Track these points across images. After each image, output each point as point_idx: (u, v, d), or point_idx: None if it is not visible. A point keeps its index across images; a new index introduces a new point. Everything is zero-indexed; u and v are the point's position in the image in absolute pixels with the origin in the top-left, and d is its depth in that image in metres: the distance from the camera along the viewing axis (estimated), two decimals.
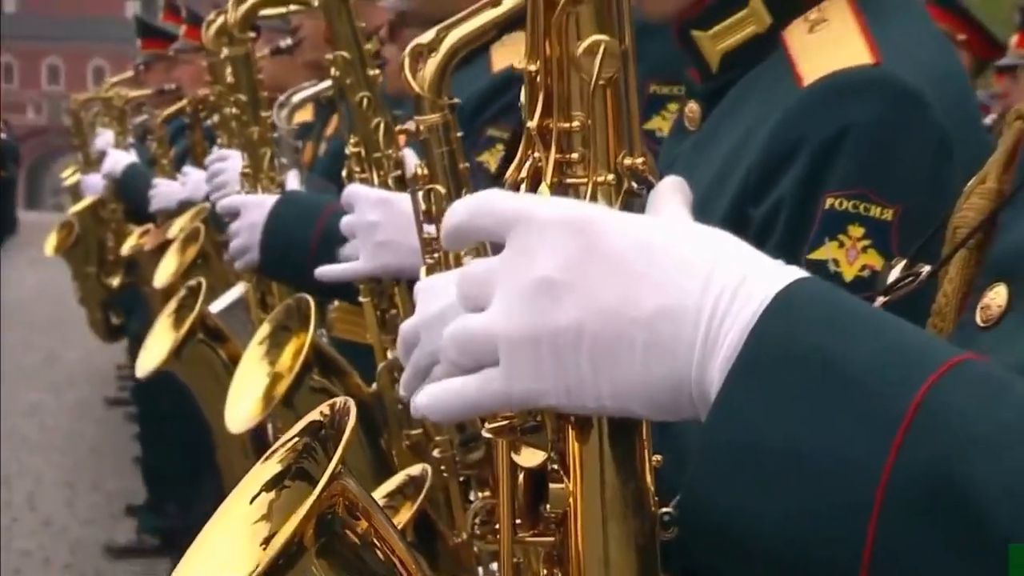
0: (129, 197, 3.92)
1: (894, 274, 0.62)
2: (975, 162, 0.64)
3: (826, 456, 0.37)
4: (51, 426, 6.68)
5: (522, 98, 0.50)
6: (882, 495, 0.36)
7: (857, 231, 0.71)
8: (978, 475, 0.35)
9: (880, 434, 0.37)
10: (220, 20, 1.98)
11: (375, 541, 0.59)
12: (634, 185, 0.49)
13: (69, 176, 7.29)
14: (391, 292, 1.25)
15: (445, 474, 1.10)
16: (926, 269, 0.59)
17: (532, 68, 0.48)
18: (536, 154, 0.49)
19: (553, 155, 0.48)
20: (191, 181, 3.06)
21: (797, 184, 0.72)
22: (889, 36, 0.79)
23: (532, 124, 0.49)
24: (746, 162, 0.77)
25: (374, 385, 1.34)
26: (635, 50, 0.48)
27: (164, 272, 2.93)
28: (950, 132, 0.78)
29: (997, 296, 0.52)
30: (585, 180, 0.48)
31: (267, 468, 0.65)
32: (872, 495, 0.36)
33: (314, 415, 0.65)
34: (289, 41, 2.52)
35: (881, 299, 0.61)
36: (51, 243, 4.64)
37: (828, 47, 0.79)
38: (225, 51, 1.98)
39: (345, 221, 1.08)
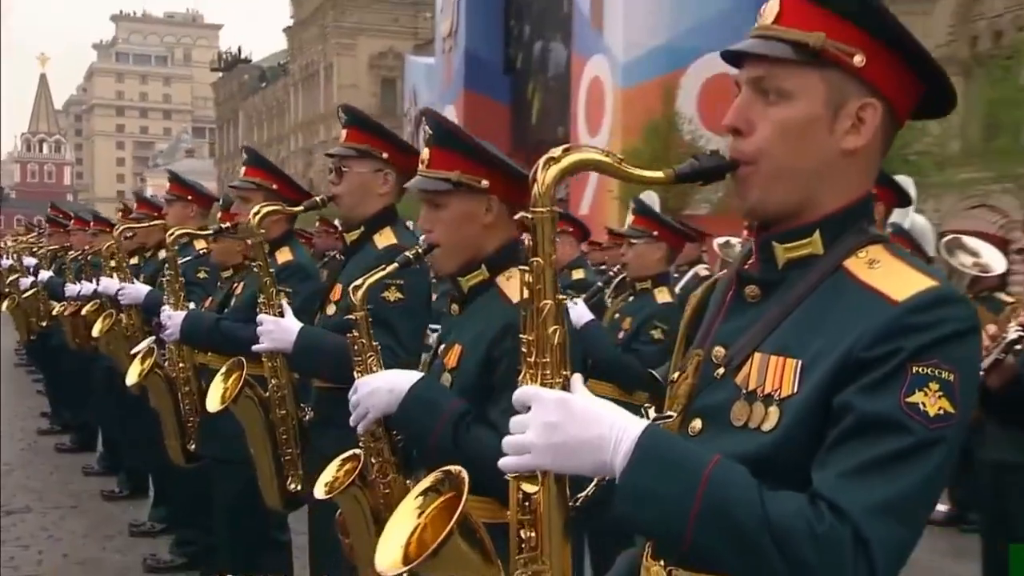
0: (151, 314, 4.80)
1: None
2: None
3: (664, 491, 1.09)
4: None
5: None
6: (696, 507, 1.05)
7: (935, 386, 1.10)
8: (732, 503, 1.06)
9: (691, 487, 1.07)
10: (255, 217, 3.04)
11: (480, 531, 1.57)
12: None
13: None
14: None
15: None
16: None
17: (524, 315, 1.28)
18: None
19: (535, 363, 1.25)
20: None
21: (903, 354, 1.13)
22: (924, 268, 1.27)
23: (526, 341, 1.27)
24: (852, 340, 1.13)
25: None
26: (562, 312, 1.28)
27: (212, 399, 3.40)
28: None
29: None
30: (551, 375, 1.22)
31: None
32: (690, 508, 1.06)
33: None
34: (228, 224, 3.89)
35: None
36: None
37: (895, 277, 1.17)
38: (256, 237, 3.09)
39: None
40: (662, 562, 1.28)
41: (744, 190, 1.27)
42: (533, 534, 1.25)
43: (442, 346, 2.36)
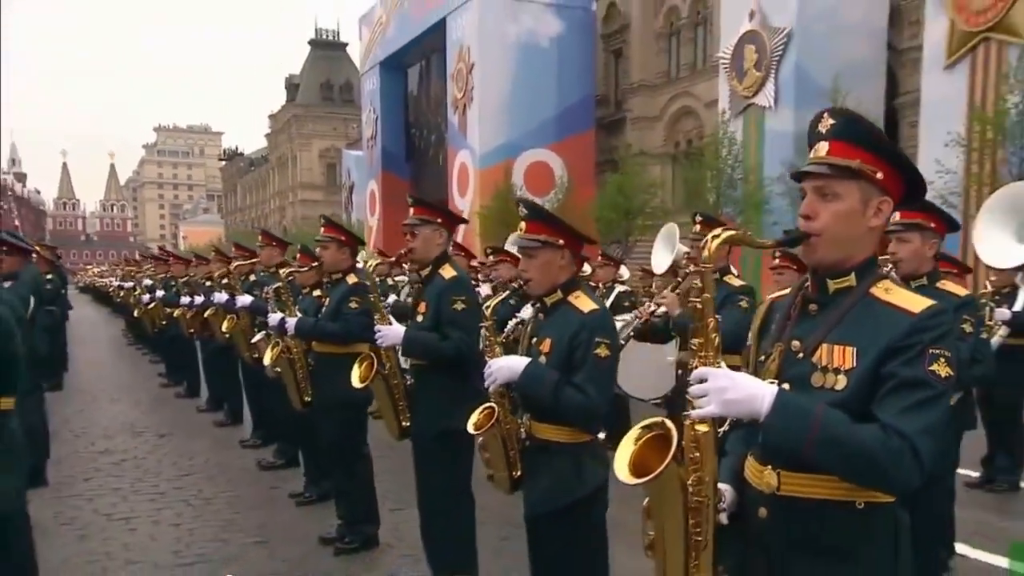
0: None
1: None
2: None
3: (794, 425, 1.56)
4: None
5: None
6: (814, 432, 1.53)
7: (943, 360, 1.53)
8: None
9: (810, 421, 1.54)
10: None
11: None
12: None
13: None
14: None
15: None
16: None
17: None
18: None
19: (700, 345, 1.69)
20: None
21: (923, 344, 1.56)
22: (918, 293, 1.65)
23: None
24: (889, 338, 1.57)
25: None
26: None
27: (353, 378, 4.16)
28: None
29: None
30: (712, 359, 1.68)
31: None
32: (807, 434, 1.53)
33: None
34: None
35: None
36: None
37: (908, 299, 1.62)
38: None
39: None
40: (770, 467, 1.67)
41: (810, 251, 1.69)
42: (698, 454, 1.67)
43: (534, 339, 2.90)
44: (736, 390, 1.55)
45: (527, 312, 4.41)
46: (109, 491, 6.27)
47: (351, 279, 4.64)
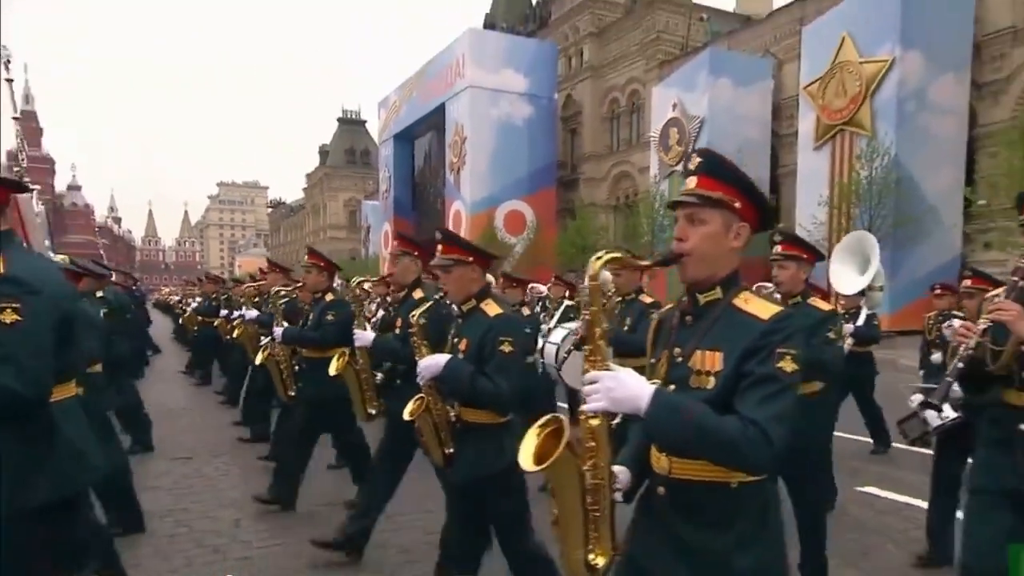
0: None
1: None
2: None
3: (670, 420, 1.37)
4: None
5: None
6: (687, 426, 1.36)
7: (789, 358, 1.40)
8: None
9: (683, 417, 1.36)
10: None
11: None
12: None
13: None
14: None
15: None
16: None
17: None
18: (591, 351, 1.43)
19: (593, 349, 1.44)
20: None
21: (772, 344, 1.42)
22: (769, 301, 1.48)
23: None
24: (745, 341, 1.42)
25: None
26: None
27: (331, 367, 3.88)
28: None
29: None
30: (601, 363, 1.42)
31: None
32: (683, 426, 1.36)
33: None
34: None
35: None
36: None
37: (760, 307, 1.47)
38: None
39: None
40: (665, 454, 1.51)
41: (684, 270, 1.53)
42: (594, 444, 1.46)
43: (456, 339, 2.65)
44: (621, 389, 1.40)
45: (558, 334, 4.55)
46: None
47: (328, 296, 4.38)
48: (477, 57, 31.15)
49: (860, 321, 6.00)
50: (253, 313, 6.29)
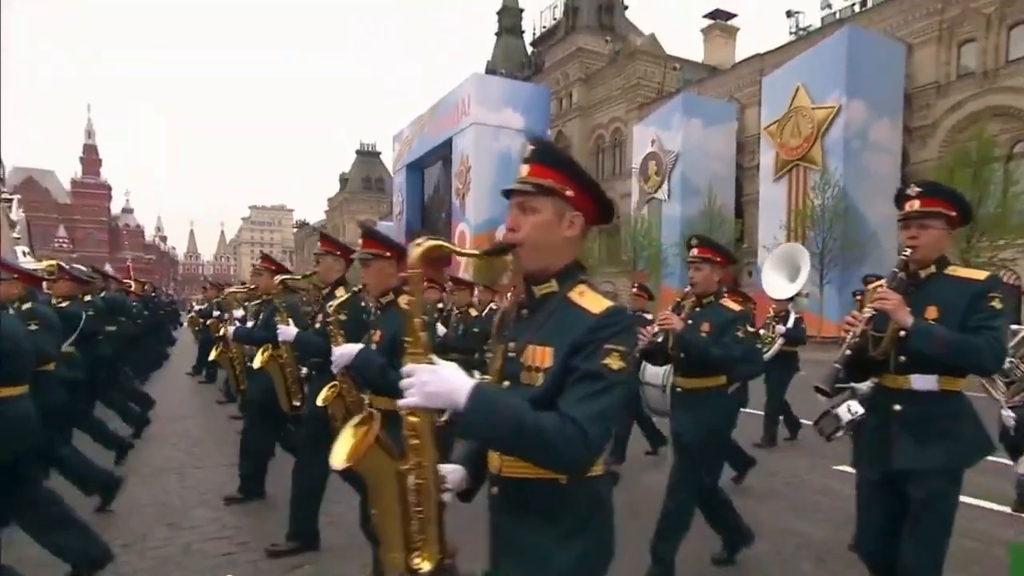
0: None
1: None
2: None
3: (486, 418, 1.08)
4: None
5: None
6: (505, 424, 1.07)
7: (616, 355, 1.19)
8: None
9: (501, 415, 1.09)
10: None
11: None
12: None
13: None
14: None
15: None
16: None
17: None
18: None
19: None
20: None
21: (600, 340, 1.20)
22: (603, 296, 1.29)
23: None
24: (573, 336, 1.21)
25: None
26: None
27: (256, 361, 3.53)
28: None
29: None
30: (422, 356, 1.12)
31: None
32: (500, 424, 1.08)
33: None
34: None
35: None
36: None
37: (592, 302, 1.26)
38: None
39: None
40: (497, 453, 1.30)
41: (518, 260, 1.29)
42: (417, 441, 1.20)
43: (376, 333, 2.43)
44: (437, 383, 1.13)
45: None
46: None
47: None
48: (481, 98, 31.28)
49: (790, 324, 5.83)
50: (239, 313, 5.68)
